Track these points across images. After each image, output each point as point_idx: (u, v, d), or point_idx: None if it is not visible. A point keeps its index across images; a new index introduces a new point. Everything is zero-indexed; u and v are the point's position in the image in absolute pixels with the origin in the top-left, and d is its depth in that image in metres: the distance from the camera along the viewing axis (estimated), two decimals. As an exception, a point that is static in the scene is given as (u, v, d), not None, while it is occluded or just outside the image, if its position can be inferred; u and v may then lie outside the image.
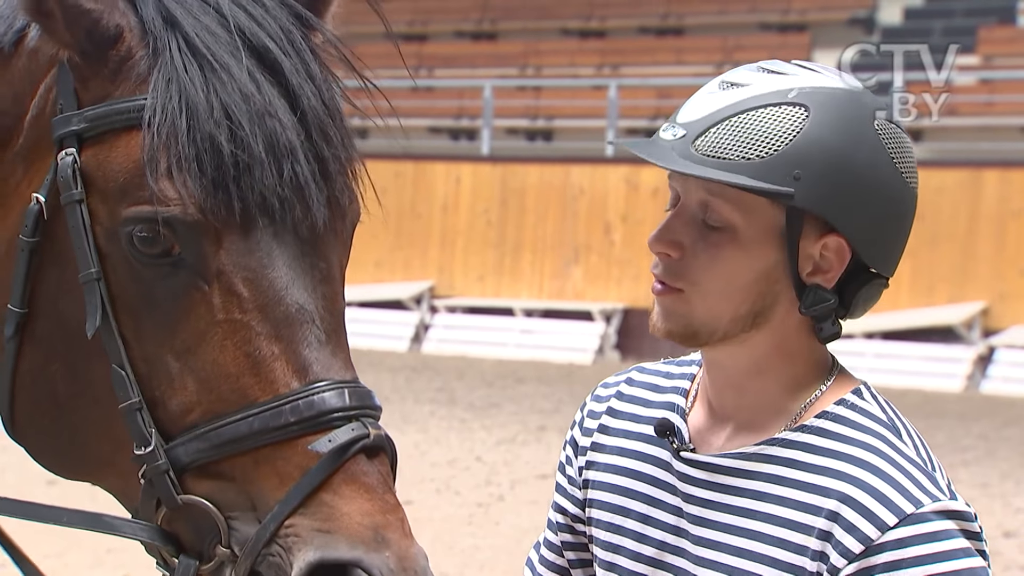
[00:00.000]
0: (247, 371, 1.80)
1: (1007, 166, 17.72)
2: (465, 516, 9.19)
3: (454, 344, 18.65)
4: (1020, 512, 9.75)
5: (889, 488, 1.87)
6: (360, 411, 1.80)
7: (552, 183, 19.33)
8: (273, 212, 1.82)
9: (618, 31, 24.37)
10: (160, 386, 1.82)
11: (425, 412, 13.47)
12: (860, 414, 1.96)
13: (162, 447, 1.80)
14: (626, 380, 2.17)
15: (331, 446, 1.75)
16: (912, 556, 1.83)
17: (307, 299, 1.83)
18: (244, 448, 1.78)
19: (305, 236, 1.85)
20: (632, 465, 2.07)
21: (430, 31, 25.51)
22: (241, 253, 1.81)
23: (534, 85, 23.19)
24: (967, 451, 12.06)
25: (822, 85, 1.94)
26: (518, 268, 19.37)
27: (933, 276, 17.10)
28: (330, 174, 1.90)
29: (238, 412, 1.79)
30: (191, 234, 1.80)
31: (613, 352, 18.11)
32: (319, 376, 1.80)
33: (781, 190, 1.88)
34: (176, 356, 1.82)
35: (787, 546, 1.90)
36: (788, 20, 23.19)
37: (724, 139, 1.90)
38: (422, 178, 20.10)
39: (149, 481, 1.81)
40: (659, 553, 2.01)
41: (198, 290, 1.81)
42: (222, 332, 1.81)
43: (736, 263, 1.92)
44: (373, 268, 20.00)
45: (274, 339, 1.80)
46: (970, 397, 15.76)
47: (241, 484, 1.79)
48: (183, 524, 1.81)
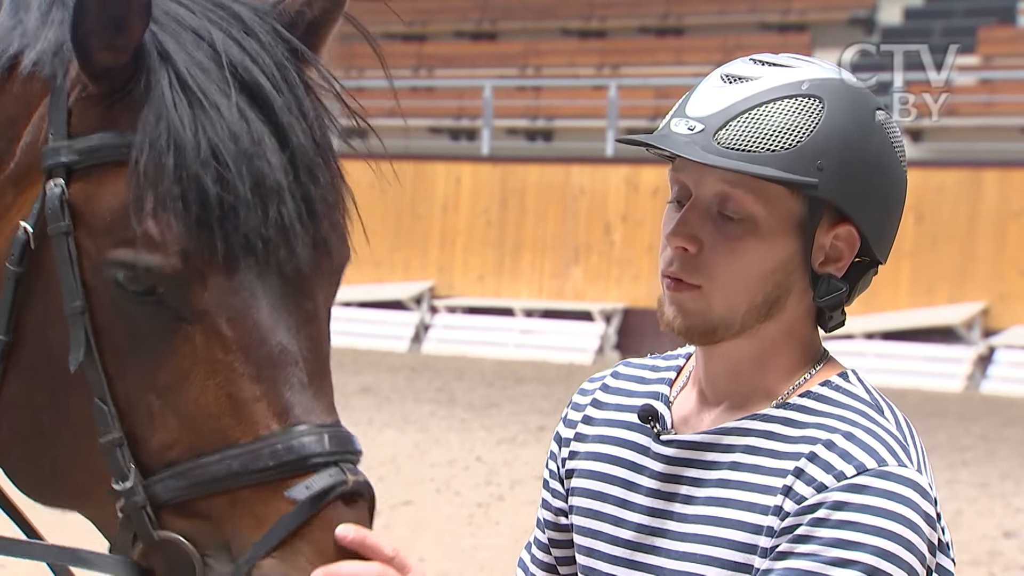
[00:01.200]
0: (228, 412, 1.79)
1: (1007, 166, 17.72)
2: (465, 516, 9.19)
3: (454, 344, 18.65)
4: (1020, 512, 9.75)
5: (856, 448, 1.89)
6: (340, 456, 1.80)
7: (552, 183, 19.33)
8: (257, 253, 1.80)
9: (618, 31, 24.38)
10: (141, 422, 1.82)
11: (425, 412, 13.47)
12: (843, 394, 1.98)
13: (141, 483, 1.80)
14: (612, 374, 2.19)
15: (308, 493, 1.75)
16: (858, 503, 1.84)
17: (291, 340, 1.82)
18: (222, 488, 1.78)
19: (290, 276, 1.84)
20: (612, 451, 2.09)
21: (430, 31, 25.51)
22: (225, 293, 1.80)
23: (534, 85, 23.20)
24: (967, 451, 12.06)
25: (828, 77, 1.97)
26: (518, 268, 19.37)
27: (933, 276, 17.10)
28: (316, 214, 1.88)
29: (217, 452, 1.78)
30: (174, 275, 1.80)
31: (613, 352, 18.11)
32: (300, 419, 1.79)
33: (807, 180, 1.91)
34: (158, 394, 1.81)
35: (754, 508, 1.91)
36: (788, 20, 23.20)
37: (746, 132, 1.92)
38: (422, 178, 20.10)
39: (127, 516, 1.81)
40: (638, 536, 2.02)
41: (181, 329, 1.81)
42: (204, 372, 1.80)
43: (755, 254, 1.94)
44: (373, 268, 20.00)
45: (256, 380, 1.80)
46: (970, 397, 15.77)
47: (218, 524, 1.78)
48: (159, 559, 1.81)
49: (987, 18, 21.86)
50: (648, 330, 17.25)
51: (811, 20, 22.92)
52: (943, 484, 10.13)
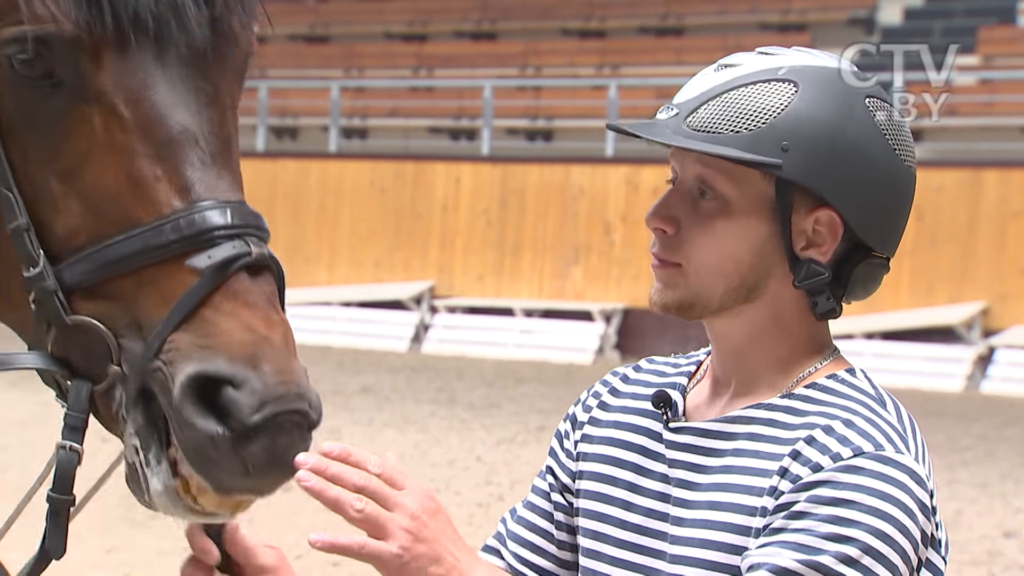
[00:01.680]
0: (129, 192, 1.80)
1: (1007, 166, 17.72)
2: (465, 516, 9.18)
3: (454, 344, 18.65)
4: (1020, 512, 9.75)
5: (854, 434, 1.90)
6: (243, 230, 1.80)
7: (552, 183, 19.33)
8: (147, 29, 1.80)
9: (618, 31, 24.38)
10: (46, 209, 1.83)
11: (425, 412, 13.47)
12: (847, 386, 2.00)
13: (49, 268, 1.81)
14: (633, 367, 2.22)
15: (210, 262, 1.75)
16: (852, 482, 1.85)
17: (191, 120, 1.82)
18: (127, 268, 1.78)
19: (187, 59, 1.84)
20: (625, 436, 2.11)
21: (430, 31, 25.51)
22: (121, 73, 1.81)
23: (534, 85, 23.20)
24: (967, 451, 12.06)
25: (812, 64, 1.98)
26: (518, 268, 19.37)
27: (933, 276, 17.11)
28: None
29: (121, 233, 1.79)
30: (68, 53, 1.80)
31: (613, 352, 18.11)
32: (202, 196, 1.80)
33: (768, 160, 1.92)
34: (60, 178, 1.82)
35: (751, 491, 1.93)
36: (788, 20, 23.20)
37: (714, 114, 1.95)
38: (422, 178, 20.10)
39: (39, 303, 1.82)
40: (645, 520, 2.04)
41: (78, 111, 1.81)
42: (104, 153, 1.81)
43: (728, 235, 1.96)
44: (373, 268, 20.00)
45: (157, 160, 1.80)
46: (970, 397, 15.77)
47: (127, 304, 1.79)
48: (74, 347, 1.82)
49: (987, 18, 21.86)
50: (648, 330, 17.26)
51: (811, 20, 22.92)
52: (943, 484, 10.13)
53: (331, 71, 24.38)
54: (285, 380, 1.73)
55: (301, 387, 1.74)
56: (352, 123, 23.33)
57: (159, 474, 1.76)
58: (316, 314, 19.41)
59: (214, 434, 1.71)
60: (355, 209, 20.19)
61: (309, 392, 1.76)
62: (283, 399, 1.72)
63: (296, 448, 1.75)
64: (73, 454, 1.84)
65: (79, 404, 1.82)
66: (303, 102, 23.88)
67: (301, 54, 25.46)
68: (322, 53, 25.52)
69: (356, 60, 25.07)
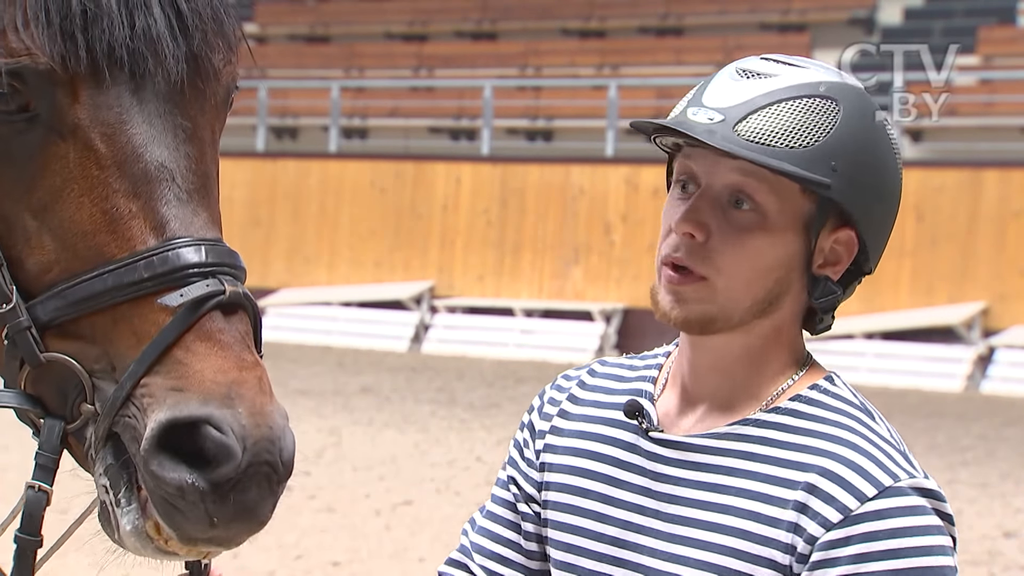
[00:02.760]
0: (104, 228, 1.78)
1: (1007, 166, 17.72)
2: (465, 516, 9.18)
3: (454, 344, 18.65)
4: (1020, 512, 9.75)
5: (867, 461, 1.90)
6: (218, 268, 1.77)
7: (552, 183, 19.33)
8: (123, 64, 1.79)
9: (618, 31, 24.38)
10: (18, 245, 1.81)
11: (425, 412, 13.47)
12: (833, 398, 1.99)
13: (22, 305, 1.78)
14: (588, 371, 2.18)
15: (182, 300, 1.72)
16: (888, 528, 1.86)
17: (167, 156, 1.80)
18: (100, 305, 1.76)
19: (165, 93, 1.82)
20: (593, 447, 2.08)
21: (430, 31, 25.51)
22: (97, 108, 1.79)
23: (534, 85, 23.20)
24: (967, 451, 12.06)
25: (842, 81, 2.00)
26: (518, 268, 19.37)
27: (933, 276, 17.11)
28: (188, 30, 1.85)
29: (94, 270, 1.76)
30: (43, 87, 1.79)
31: (613, 352, 18.11)
32: (177, 233, 1.77)
33: (822, 180, 1.92)
34: (34, 214, 1.80)
35: (760, 519, 1.91)
36: (788, 20, 23.20)
37: (767, 126, 1.93)
38: (422, 178, 20.11)
39: (12, 340, 1.79)
40: (623, 533, 2.02)
41: (54, 145, 1.79)
42: (79, 189, 1.79)
43: (762, 247, 1.95)
44: (373, 268, 20.00)
45: (132, 196, 1.78)
46: (970, 397, 15.77)
47: (101, 343, 1.77)
48: (47, 385, 1.80)
49: (987, 18, 21.86)
50: (648, 330, 17.25)
51: (811, 20, 22.92)
52: (943, 484, 10.12)
53: (331, 71, 24.38)
54: (260, 423, 1.70)
55: (275, 429, 1.71)
56: (352, 123, 23.32)
57: (129, 514, 1.74)
58: (316, 314, 19.42)
59: (183, 484, 1.68)
60: (355, 209, 20.19)
61: (284, 436, 1.73)
62: (256, 444, 1.69)
63: (264, 502, 1.72)
64: (42, 495, 1.80)
65: (50, 444, 1.79)
66: (303, 102, 23.88)
67: (301, 54, 25.47)
68: (322, 53, 25.52)
69: (356, 60, 25.07)
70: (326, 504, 9.10)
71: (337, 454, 10.93)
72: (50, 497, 1.81)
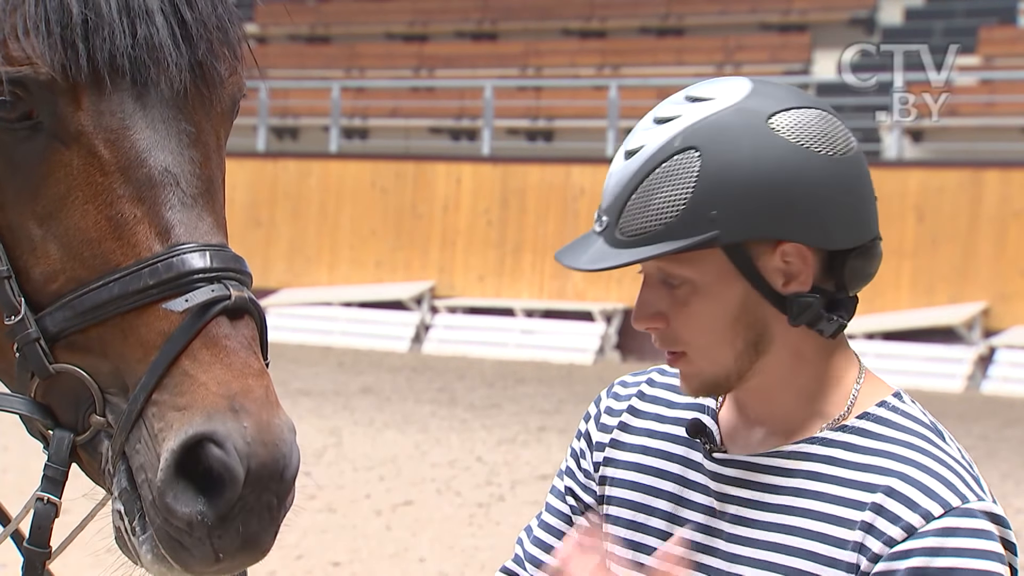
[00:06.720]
0: (109, 235, 1.77)
1: (1007, 166, 17.72)
2: (465, 516, 9.18)
3: (455, 344, 18.65)
4: (1020, 512, 9.74)
5: (935, 482, 1.88)
6: (223, 273, 1.76)
7: (553, 183, 19.34)
8: (124, 72, 1.78)
9: (619, 31, 24.38)
10: (24, 254, 1.80)
11: (426, 412, 13.47)
12: (902, 416, 1.97)
13: (30, 316, 1.78)
14: (647, 381, 2.18)
15: (187, 306, 1.71)
16: (952, 547, 1.84)
17: (172, 162, 1.79)
18: (108, 314, 1.75)
19: (169, 99, 1.82)
20: (657, 464, 2.08)
21: (430, 31, 25.51)
22: (100, 114, 1.79)
23: (534, 85, 23.20)
24: (967, 451, 12.04)
25: (704, 115, 1.93)
26: (519, 268, 19.37)
27: (933, 276, 17.10)
28: (192, 39, 1.84)
29: (100, 278, 1.76)
30: (45, 95, 1.78)
31: (614, 352, 18.11)
32: (182, 239, 1.76)
33: (704, 238, 1.89)
34: (38, 222, 1.79)
35: (826, 540, 1.90)
36: (788, 20, 23.20)
37: (638, 215, 1.93)
38: (423, 178, 20.11)
39: (21, 352, 1.79)
40: (688, 552, 2.00)
41: (57, 153, 1.79)
42: (83, 196, 1.78)
43: (709, 310, 1.94)
44: (373, 268, 20.00)
45: (136, 201, 1.77)
46: (970, 397, 15.76)
47: (109, 352, 1.76)
48: (57, 396, 1.79)
49: (987, 18, 21.86)
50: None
51: (811, 20, 22.92)
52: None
53: (332, 71, 24.38)
54: (266, 439, 1.69)
55: (280, 446, 1.70)
56: (353, 123, 23.32)
57: (146, 543, 1.73)
58: (317, 314, 19.42)
59: (192, 520, 1.67)
60: (356, 209, 20.19)
61: (291, 453, 1.72)
62: (262, 467, 1.68)
63: (266, 532, 1.72)
64: (51, 507, 1.80)
65: (60, 456, 1.79)
66: (304, 102, 23.88)
67: (302, 54, 25.47)
68: (323, 53, 25.52)
69: (357, 60, 25.07)
70: (326, 504, 9.11)
71: (337, 454, 10.93)
72: (59, 509, 1.81)
